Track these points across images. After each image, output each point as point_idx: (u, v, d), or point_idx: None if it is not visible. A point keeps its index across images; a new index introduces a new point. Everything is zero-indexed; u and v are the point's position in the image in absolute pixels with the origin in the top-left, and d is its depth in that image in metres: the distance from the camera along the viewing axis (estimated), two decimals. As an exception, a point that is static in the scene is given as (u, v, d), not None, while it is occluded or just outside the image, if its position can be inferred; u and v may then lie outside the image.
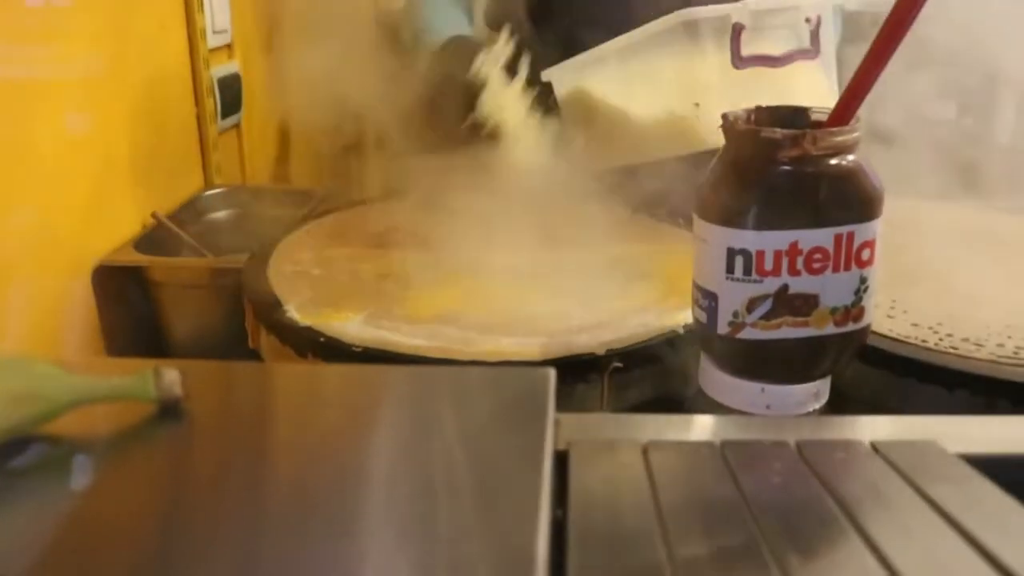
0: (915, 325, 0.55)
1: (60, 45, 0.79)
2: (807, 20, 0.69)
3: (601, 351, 0.53)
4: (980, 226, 0.73)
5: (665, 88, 0.71)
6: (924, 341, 0.53)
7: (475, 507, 0.25)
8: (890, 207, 0.46)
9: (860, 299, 0.47)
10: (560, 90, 0.78)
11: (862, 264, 0.46)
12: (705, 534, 0.27)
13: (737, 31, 0.66)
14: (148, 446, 0.30)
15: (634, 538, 0.26)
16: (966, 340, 0.53)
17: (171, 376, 0.32)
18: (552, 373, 0.33)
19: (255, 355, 0.65)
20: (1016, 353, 0.51)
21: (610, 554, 0.25)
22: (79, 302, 0.81)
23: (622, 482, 0.31)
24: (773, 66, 0.67)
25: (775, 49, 0.68)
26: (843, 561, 0.26)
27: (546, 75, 0.78)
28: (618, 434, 0.38)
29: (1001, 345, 0.52)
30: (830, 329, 0.47)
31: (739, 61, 0.67)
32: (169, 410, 0.32)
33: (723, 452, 0.34)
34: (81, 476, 0.29)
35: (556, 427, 0.33)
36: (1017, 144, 0.65)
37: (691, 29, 0.69)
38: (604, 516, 0.28)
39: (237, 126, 1.18)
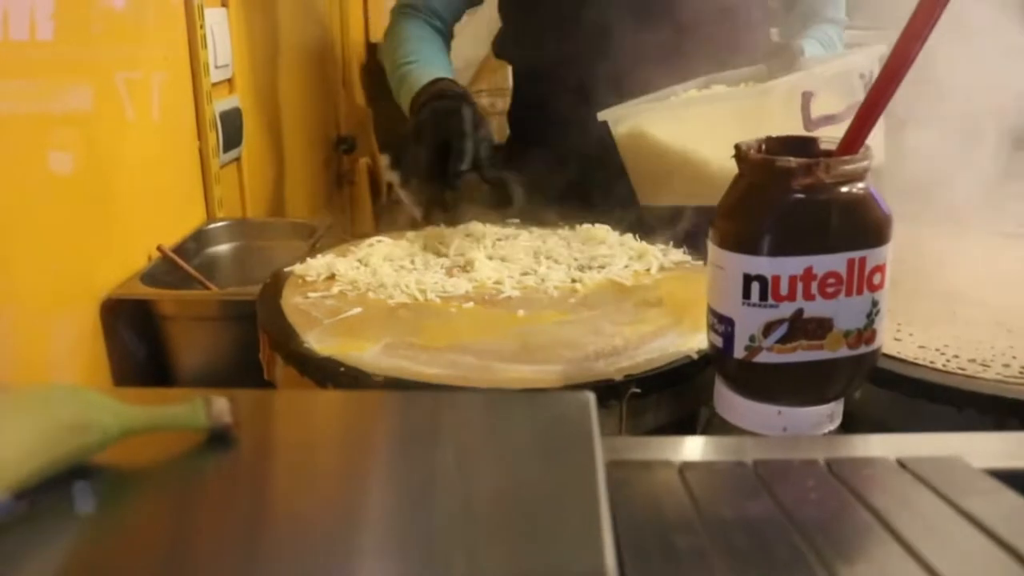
0: (922, 347, 0.56)
1: (64, 79, 0.80)
2: (861, 76, 0.72)
3: (619, 377, 0.54)
4: (975, 249, 0.75)
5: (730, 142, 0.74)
6: (932, 362, 0.54)
7: (538, 528, 0.25)
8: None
9: (872, 322, 0.48)
10: (616, 129, 0.81)
11: (874, 288, 0.48)
12: (754, 549, 0.28)
13: (807, 99, 0.69)
14: (203, 474, 0.31)
15: (687, 555, 0.27)
16: (972, 361, 0.55)
17: (221, 404, 0.32)
18: (592, 397, 0.34)
19: (268, 387, 0.65)
20: (1022, 372, 0.53)
21: (667, 571, 0.26)
22: (87, 336, 0.81)
23: (665, 502, 0.32)
24: (836, 123, 0.70)
25: (835, 107, 0.72)
26: (890, 570, 0.27)
27: (602, 115, 0.81)
28: (648, 456, 0.39)
29: (1007, 365, 0.54)
30: (843, 352, 0.48)
31: (810, 124, 0.71)
32: (219, 438, 0.32)
33: (756, 471, 0.35)
34: (84, 502, 0.30)
35: (593, 449, 0.34)
36: (1012, 170, 0.67)
37: (761, 96, 0.73)
38: (653, 535, 0.29)
39: (238, 160, 1.19)
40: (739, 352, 0.49)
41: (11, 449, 0.29)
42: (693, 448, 0.39)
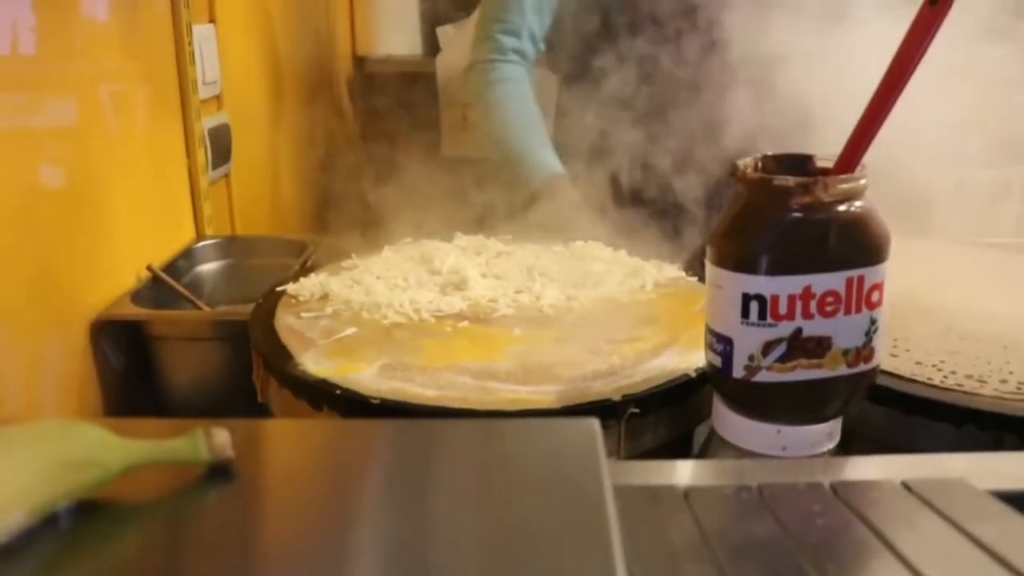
0: (919, 363, 0.57)
1: (48, 93, 0.79)
2: None
3: (617, 397, 0.53)
4: (967, 263, 0.76)
5: None
6: (930, 379, 0.54)
7: (548, 561, 0.25)
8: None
9: (870, 340, 0.48)
10: None
11: (872, 306, 0.48)
12: (765, 579, 0.28)
13: None
14: (204, 507, 0.31)
15: (699, 586, 0.27)
16: (969, 377, 0.55)
17: (222, 437, 0.32)
18: (597, 424, 0.33)
19: (261, 409, 0.64)
20: (1019, 388, 0.53)
21: (678, 603, 0.26)
22: (76, 357, 0.80)
23: (672, 529, 0.32)
24: None
25: None
26: (902, 602, 0.27)
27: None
28: (651, 481, 0.39)
29: (1004, 381, 0.54)
30: (842, 370, 0.48)
31: None
32: (219, 471, 0.32)
33: (762, 495, 0.35)
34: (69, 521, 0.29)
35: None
36: (1004, 185, 0.67)
37: None
38: (664, 564, 0.28)
39: (226, 176, 1.19)
40: (738, 371, 0.48)
41: (5, 488, 0.28)
42: (696, 472, 0.38)
